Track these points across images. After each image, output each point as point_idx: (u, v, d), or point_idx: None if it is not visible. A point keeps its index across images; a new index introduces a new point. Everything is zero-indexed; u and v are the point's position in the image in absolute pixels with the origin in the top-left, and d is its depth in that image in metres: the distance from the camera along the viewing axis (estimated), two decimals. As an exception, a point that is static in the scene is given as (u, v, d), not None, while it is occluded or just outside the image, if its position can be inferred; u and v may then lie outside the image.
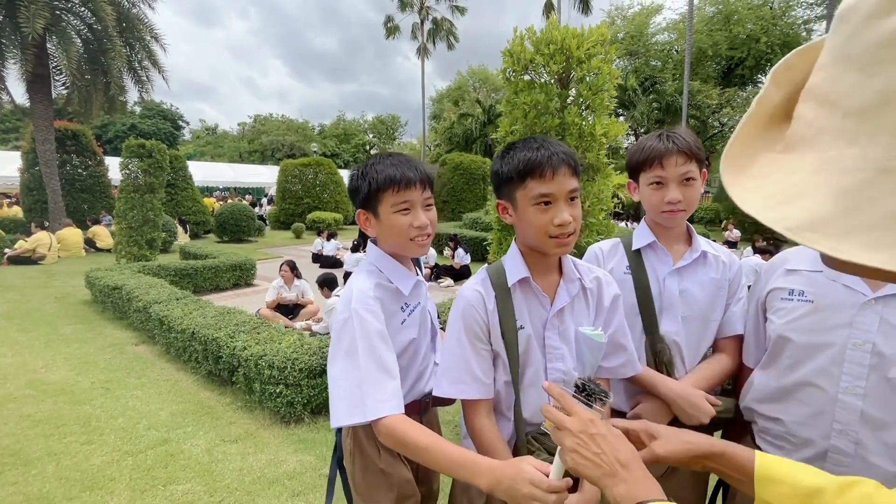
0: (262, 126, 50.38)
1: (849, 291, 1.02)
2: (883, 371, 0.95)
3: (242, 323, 4.20)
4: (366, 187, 1.15)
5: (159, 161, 7.85)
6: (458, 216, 16.87)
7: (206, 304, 4.96)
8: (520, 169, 1.04)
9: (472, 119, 26.69)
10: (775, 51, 26.99)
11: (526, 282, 1.12)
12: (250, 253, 10.75)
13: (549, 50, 2.55)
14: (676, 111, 21.64)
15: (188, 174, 14.98)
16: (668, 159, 1.26)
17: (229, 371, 3.72)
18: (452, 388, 1.11)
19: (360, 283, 1.14)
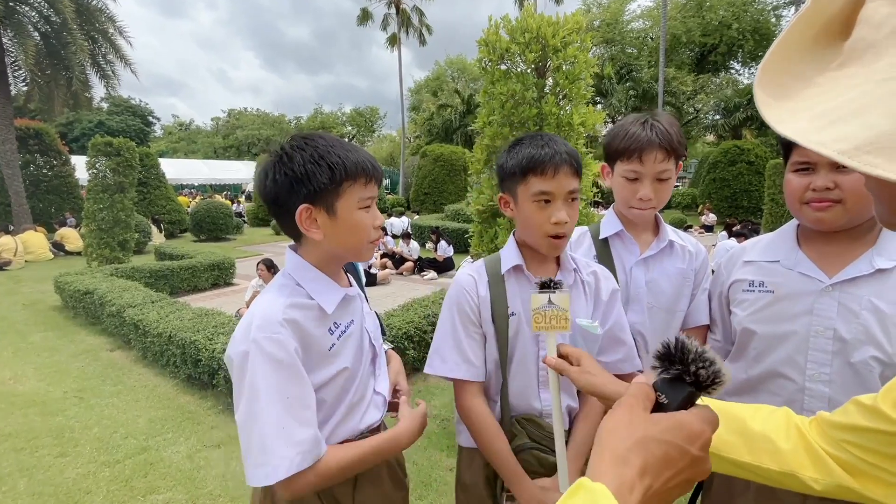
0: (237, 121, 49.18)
1: (806, 279, 1.04)
2: (846, 356, 0.97)
3: (222, 324, 4.10)
4: (324, 176, 0.90)
5: (129, 159, 7.57)
6: (439, 208, 16.83)
7: (183, 306, 4.83)
8: (523, 165, 1.06)
9: (451, 110, 26.54)
10: (746, 37, 27.48)
11: (519, 269, 1.15)
12: (229, 251, 10.51)
13: (524, 39, 2.52)
14: (653, 98, 21.91)
15: (160, 172, 14.52)
16: (647, 154, 1.23)
17: (209, 374, 3.64)
18: (444, 366, 1.14)
19: (266, 306, 0.91)
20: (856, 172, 0.92)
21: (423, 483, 2.62)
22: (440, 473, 2.70)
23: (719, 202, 16.81)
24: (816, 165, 0.98)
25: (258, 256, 10.92)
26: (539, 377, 1.14)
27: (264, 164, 0.95)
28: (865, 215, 0.98)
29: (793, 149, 1.04)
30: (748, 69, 31.16)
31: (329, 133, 1.00)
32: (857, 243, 1.01)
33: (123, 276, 6.48)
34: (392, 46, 28.25)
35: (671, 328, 1.36)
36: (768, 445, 0.70)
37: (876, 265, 0.96)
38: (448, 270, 9.05)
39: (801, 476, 0.68)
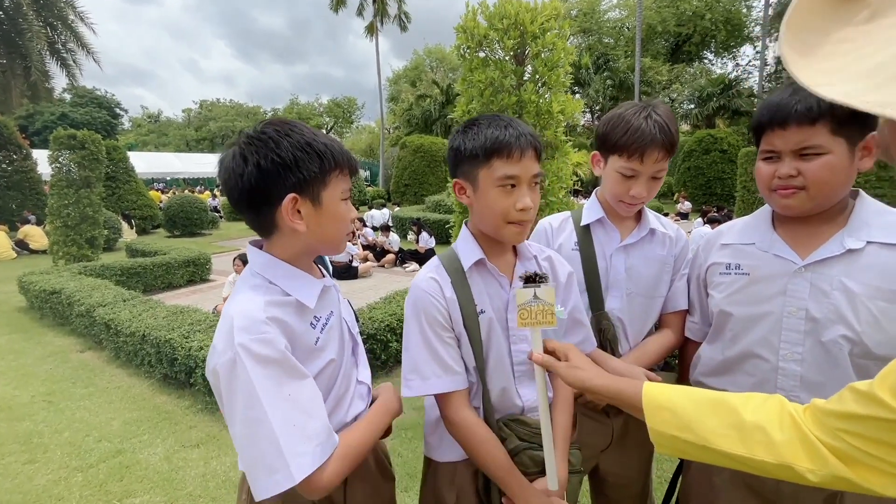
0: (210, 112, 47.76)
1: (780, 261, 1.05)
2: (817, 335, 0.99)
3: (198, 321, 3.99)
4: (314, 164, 0.86)
5: (94, 152, 7.26)
6: (420, 199, 16.74)
7: (156, 304, 4.68)
8: (486, 147, 0.98)
9: (430, 100, 26.30)
10: (718, 27, 28.01)
11: (482, 264, 1.08)
12: (205, 247, 10.26)
13: (502, 25, 2.48)
14: (629, 88, 22.16)
15: (130, 166, 14.00)
16: (649, 154, 1.19)
17: (186, 373, 3.54)
18: (425, 385, 1.03)
19: (244, 307, 0.84)
20: (818, 160, 0.95)
21: (408, 475, 2.61)
22: (425, 464, 2.70)
23: (694, 190, 17.19)
24: (781, 154, 0.99)
25: (235, 252, 10.67)
26: (515, 373, 1.10)
27: (240, 149, 0.86)
28: (832, 200, 0.99)
29: (762, 137, 1.04)
30: (721, 59, 31.81)
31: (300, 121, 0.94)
32: (829, 224, 1.02)
33: (93, 275, 6.24)
34: (370, 35, 27.75)
35: (651, 314, 1.37)
36: (762, 437, 0.69)
37: (846, 246, 0.97)
38: (430, 262, 9.03)
39: (796, 468, 0.66)
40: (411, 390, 1.04)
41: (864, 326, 0.94)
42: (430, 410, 1.17)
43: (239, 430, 0.80)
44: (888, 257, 0.95)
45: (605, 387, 0.85)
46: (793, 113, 0.94)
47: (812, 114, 0.92)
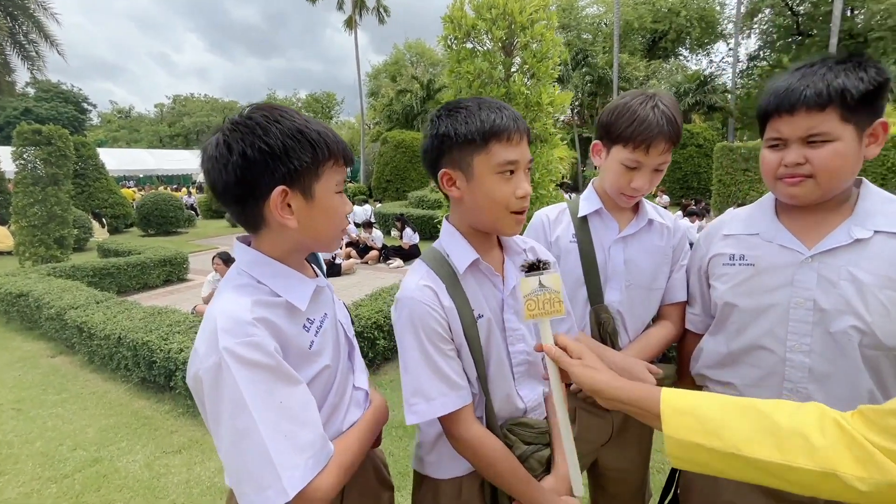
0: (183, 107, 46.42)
1: (785, 251, 1.03)
2: (825, 326, 0.97)
3: (177, 322, 3.86)
4: (306, 153, 0.80)
5: (62, 148, 6.95)
6: (402, 195, 16.62)
7: (132, 305, 4.51)
8: (484, 130, 0.90)
9: (410, 95, 26.03)
10: (693, 24, 28.54)
11: (476, 264, 1.00)
12: (181, 246, 9.97)
13: (491, 15, 2.44)
14: (608, 84, 22.38)
15: (100, 163, 13.49)
16: (655, 145, 1.15)
17: (166, 376, 3.41)
18: (431, 407, 0.93)
19: (228, 308, 0.77)
20: (827, 147, 0.93)
21: (400, 474, 2.57)
22: (417, 463, 2.66)
23: (672, 184, 17.52)
24: (788, 141, 0.97)
25: (213, 250, 10.40)
26: (514, 374, 1.05)
27: (224, 136, 0.79)
28: (838, 188, 0.98)
29: (767, 124, 1.02)
30: (695, 56, 32.44)
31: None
32: (834, 213, 1.01)
33: (63, 276, 5.98)
34: (349, 29, 27.31)
35: (650, 306, 1.34)
36: (801, 442, 0.62)
37: (854, 235, 0.96)
38: (414, 258, 8.95)
39: (842, 475, 0.59)
40: (417, 416, 0.94)
41: (874, 317, 0.92)
42: (427, 428, 1.08)
43: (225, 442, 0.73)
44: (895, 247, 0.93)
45: (622, 393, 0.80)
46: (802, 98, 0.92)
47: (822, 99, 0.90)
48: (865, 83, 0.89)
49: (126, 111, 54.34)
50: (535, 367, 1.09)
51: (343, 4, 26.91)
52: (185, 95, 49.15)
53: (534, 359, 1.07)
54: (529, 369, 1.07)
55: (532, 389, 1.09)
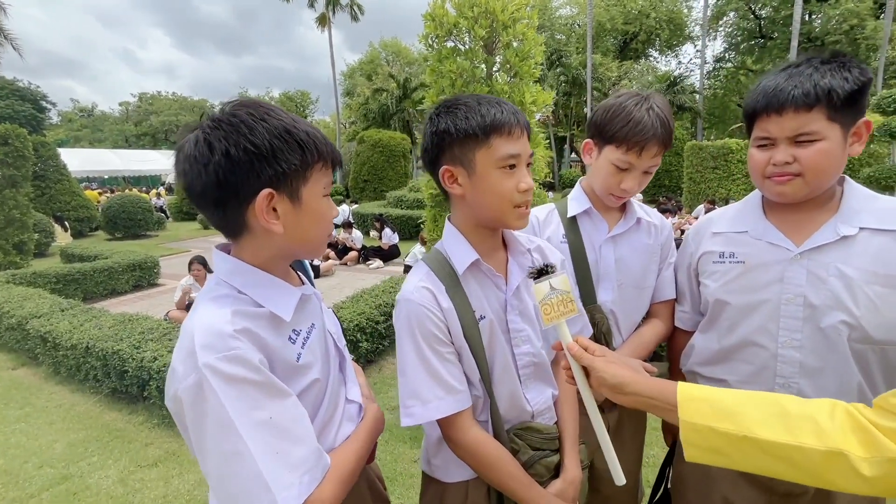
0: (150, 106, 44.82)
1: (774, 248, 1.05)
2: (815, 321, 1.00)
3: (149, 329, 3.70)
4: (294, 155, 0.75)
5: (19, 149, 6.60)
6: (380, 195, 16.47)
7: (101, 312, 4.31)
8: (486, 125, 0.90)
9: (387, 94, 25.85)
10: (662, 26, 29.32)
11: (476, 265, 0.99)
12: (151, 249, 9.63)
13: (472, 13, 2.43)
14: (582, 84, 22.76)
15: (61, 163, 12.88)
16: (648, 148, 1.16)
17: (139, 386, 3.27)
18: (427, 410, 0.93)
19: (207, 320, 0.71)
20: (814, 146, 0.95)
21: (388, 478, 2.53)
22: (405, 466, 2.63)
23: (645, 182, 17.94)
24: (776, 140, 0.99)
25: (186, 253, 10.09)
26: (521, 377, 1.04)
27: (205, 134, 0.72)
28: (824, 186, 1.00)
29: (755, 124, 1.04)
30: (665, 57, 33.34)
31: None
32: (820, 211, 1.03)
33: (23, 283, 5.68)
34: (322, 27, 26.90)
35: (641, 304, 1.35)
36: (811, 424, 0.64)
37: (840, 232, 0.98)
38: (394, 258, 8.90)
39: (850, 455, 0.61)
40: (412, 418, 0.93)
41: (863, 311, 0.95)
42: (431, 430, 1.08)
43: (212, 466, 0.68)
44: (881, 242, 0.96)
45: (643, 387, 0.81)
46: (790, 98, 0.93)
47: (809, 99, 0.92)
48: (850, 83, 0.91)
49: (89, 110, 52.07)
50: (542, 370, 1.08)
51: (315, 2, 26.48)
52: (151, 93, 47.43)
53: (540, 360, 1.06)
54: (536, 371, 1.06)
55: (540, 392, 1.07)
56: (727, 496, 1.14)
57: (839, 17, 22.19)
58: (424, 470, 1.13)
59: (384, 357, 4.13)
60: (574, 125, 25.77)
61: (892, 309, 0.94)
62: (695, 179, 14.70)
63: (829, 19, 23.06)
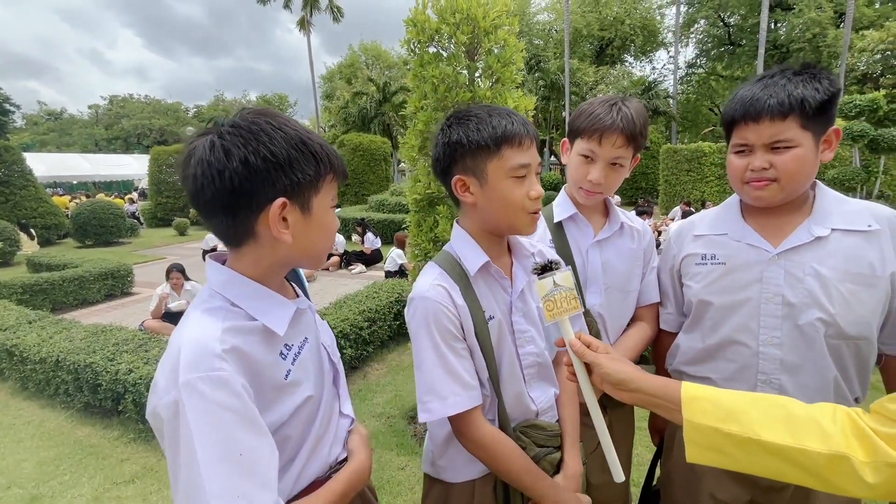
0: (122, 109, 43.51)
1: (753, 250, 1.10)
2: (794, 319, 1.04)
3: (124, 341, 3.58)
4: (309, 165, 0.76)
5: (-19, 154, 6.30)
6: (362, 199, 16.37)
7: (71, 323, 4.15)
8: (497, 136, 0.93)
9: (367, 98, 25.73)
10: (637, 33, 30.05)
11: (486, 267, 1.03)
12: (124, 257, 9.33)
13: (454, 19, 2.43)
14: (560, 88, 23.08)
15: (26, 168, 12.39)
16: (608, 137, 1.21)
17: (113, 399, 3.16)
18: (445, 406, 0.94)
19: (195, 335, 0.70)
20: (789, 153, 0.99)
21: (375, 487, 2.50)
22: (392, 473, 2.61)
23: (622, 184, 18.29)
24: (754, 147, 1.03)
25: (161, 261, 9.82)
26: (525, 376, 1.07)
27: (222, 140, 0.72)
28: (799, 191, 1.05)
29: (733, 131, 1.08)
30: (639, 62, 34.17)
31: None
32: (795, 213, 1.08)
33: (-14, 295, 5.42)
34: (302, 29, 26.66)
35: (627, 308, 1.38)
36: (814, 427, 0.65)
37: (814, 234, 1.03)
38: (377, 262, 8.83)
39: (852, 459, 0.62)
40: (430, 413, 0.95)
41: (837, 308, 0.99)
42: (437, 431, 1.10)
43: (181, 492, 0.64)
44: (850, 243, 1.01)
45: (646, 383, 0.82)
46: (766, 107, 0.97)
47: (784, 108, 0.96)
48: (821, 93, 0.96)
49: (56, 113, 50.22)
50: (545, 369, 1.12)
51: (290, 4, 26.23)
52: (123, 96, 46.04)
53: (543, 360, 1.10)
54: (540, 371, 1.10)
55: (543, 391, 1.11)
56: (713, 493, 1.17)
57: (802, 26, 23.16)
58: (428, 472, 1.15)
59: (368, 364, 4.10)
60: (553, 128, 26.10)
61: (863, 306, 0.99)
62: (670, 181, 15.10)
63: (793, 27, 24.04)
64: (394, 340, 4.54)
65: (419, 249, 2.73)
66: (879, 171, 11.12)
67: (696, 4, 27.69)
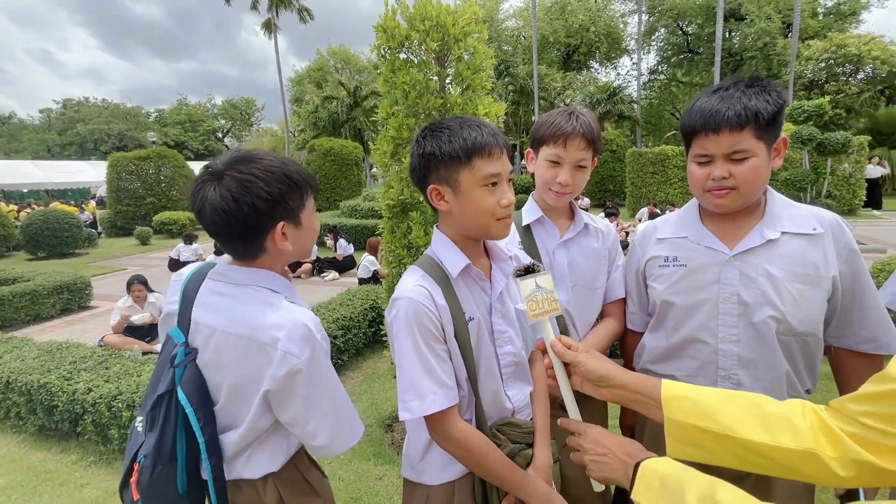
0: (77, 113, 41.46)
1: (711, 252, 1.16)
2: (748, 317, 1.10)
3: (82, 358, 3.40)
4: (295, 193, 1.02)
5: (-82, 162, 5.87)
6: (333, 205, 16.15)
7: (23, 341, 3.91)
8: (467, 147, 0.98)
9: (337, 102, 25.47)
10: (601, 39, 30.95)
11: (467, 270, 1.07)
12: (81, 269, 8.88)
13: (424, 26, 2.44)
14: (529, 93, 23.51)
15: (-30, 177, 11.62)
16: (571, 141, 1.30)
17: (71, 421, 2.99)
18: (423, 404, 0.98)
19: (305, 316, 1.00)
20: (746, 163, 1.04)
21: (352, 499, 2.46)
22: (369, 484, 2.57)
23: (591, 187, 18.74)
24: (714, 157, 1.08)
25: (121, 272, 9.40)
26: (503, 374, 1.11)
27: (229, 192, 0.94)
28: (754, 197, 1.11)
29: (693, 142, 1.13)
30: (605, 68, 35.21)
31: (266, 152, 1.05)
32: (749, 218, 1.14)
33: (-74, 313, 5.05)
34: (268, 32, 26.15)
35: (594, 304, 1.45)
36: (786, 424, 0.68)
37: (766, 236, 1.09)
38: (349, 269, 8.73)
39: (822, 455, 0.65)
40: (410, 412, 0.98)
41: (787, 307, 1.06)
42: (417, 434, 1.13)
43: (328, 408, 1.00)
44: (798, 245, 1.08)
45: (627, 380, 0.85)
46: (725, 119, 1.02)
47: (741, 120, 1.01)
48: (772, 105, 1.01)
49: (4, 117, 47.43)
50: (521, 369, 1.16)
51: (258, 4, 25.74)
52: (77, 99, 43.83)
53: (520, 360, 1.14)
54: (517, 370, 1.14)
55: (520, 390, 1.15)
56: None
57: (754, 35, 24.45)
58: (408, 477, 1.17)
59: (343, 373, 4.04)
60: (523, 133, 26.53)
61: (810, 304, 1.06)
62: (636, 184, 15.57)
63: (745, 37, 25.34)
64: (369, 348, 4.49)
65: (393, 256, 2.71)
66: (827, 173, 11.82)
67: (656, 13, 28.81)
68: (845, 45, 18.92)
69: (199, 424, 0.96)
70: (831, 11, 25.61)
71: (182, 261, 9.06)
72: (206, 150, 42.69)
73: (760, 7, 23.98)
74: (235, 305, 0.99)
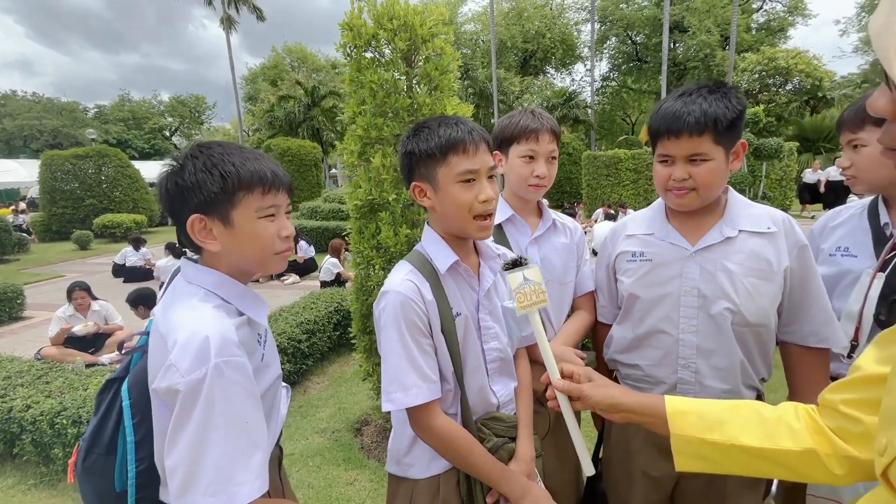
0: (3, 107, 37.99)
1: (675, 248, 1.23)
2: (707, 309, 1.18)
3: (18, 372, 3.13)
4: (215, 185, 0.87)
5: None
6: (293, 206, 15.71)
7: (-55, 357, 3.54)
8: (442, 145, 1.00)
9: (294, 101, 24.77)
10: (557, 46, 31.98)
11: (456, 266, 1.09)
12: (12, 276, 8.16)
13: (392, 25, 2.43)
14: (488, 96, 23.85)
15: None
16: (542, 135, 1.38)
17: (6, 442, 2.74)
18: (407, 397, 0.99)
19: (215, 326, 0.82)
20: (705, 165, 1.11)
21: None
22: (340, 490, 2.52)
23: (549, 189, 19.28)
24: (675, 158, 1.15)
25: (58, 279, 8.73)
26: (488, 370, 1.13)
27: (160, 175, 0.92)
28: (713, 197, 1.19)
29: (658, 143, 1.20)
30: (560, 74, 36.36)
31: (233, 143, 0.97)
32: (710, 216, 1.23)
33: None
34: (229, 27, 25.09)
35: (566, 298, 1.51)
36: (784, 427, 0.72)
37: (725, 234, 1.18)
38: (311, 272, 8.51)
39: (819, 452, 0.67)
40: (394, 403, 1.00)
41: (741, 299, 1.14)
42: (402, 429, 1.13)
43: (184, 445, 0.77)
44: (754, 243, 1.16)
45: (634, 402, 0.88)
46: (685, 125, 1.09)
47: (700, 126, 1.08)
48: (731, 111, 1.09)
49: (-87, 111, 42.69)
50: (507, 364, 1.18)
51: (212, 0, 24.68)
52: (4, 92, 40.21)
53: (506, 356, 1.16)
54: (502, 366, 1.16)
55: (504, 385, 1.17)
56: (646, 470, 1.29)
57: (696, 47, 26.03)
58: (393, 472, 1.17)
59: (308, 378, 3.93)
60: (483, 135, 26.86)
61: (762, 297, 1.15)
62: (592, 186, 16.17)
63: (689, 48, 26.94)
64: (334, 352, 4.40)
65: (361, 257, 2.68)
66: (762, 175, 12.77)
67: (608, 23, 30.08)
68: (775, 59, 20.56)
69: (132, 420, 0.90)
70: (763, 27, 27.74)
71: (129, 266, 8.52)
72: (153, 149, 40.26)
73: (701, 20, 25.58)
74: (172, 300, 0.91)
